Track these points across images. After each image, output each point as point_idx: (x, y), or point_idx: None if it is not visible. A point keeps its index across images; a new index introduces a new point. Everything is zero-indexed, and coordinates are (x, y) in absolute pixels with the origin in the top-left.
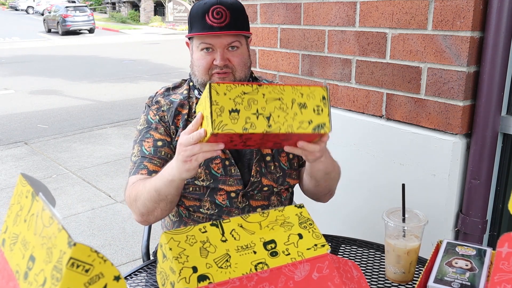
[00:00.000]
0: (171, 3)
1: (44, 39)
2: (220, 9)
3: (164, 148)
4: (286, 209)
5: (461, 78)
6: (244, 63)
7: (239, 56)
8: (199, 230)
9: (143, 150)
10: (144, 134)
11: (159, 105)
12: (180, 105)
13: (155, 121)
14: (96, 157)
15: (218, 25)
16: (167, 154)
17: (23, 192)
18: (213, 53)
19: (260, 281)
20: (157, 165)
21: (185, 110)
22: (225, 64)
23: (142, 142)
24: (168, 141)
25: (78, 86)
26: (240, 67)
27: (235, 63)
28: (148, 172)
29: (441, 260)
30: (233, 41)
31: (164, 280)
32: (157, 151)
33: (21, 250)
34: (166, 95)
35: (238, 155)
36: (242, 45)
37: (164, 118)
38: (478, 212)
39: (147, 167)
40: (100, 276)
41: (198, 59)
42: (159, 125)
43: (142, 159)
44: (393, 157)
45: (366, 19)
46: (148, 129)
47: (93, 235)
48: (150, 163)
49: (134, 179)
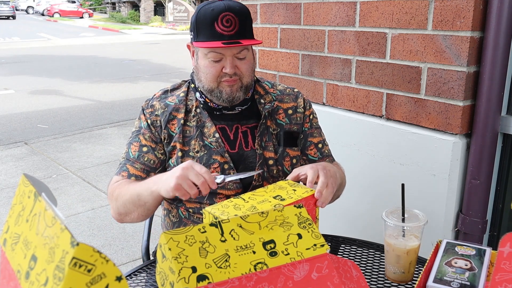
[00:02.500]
0: (171, 3)
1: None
2: (229, 17)
3: (148, 154)
4: (286, 209)
5: (461, 78)
6: (251, 69)
7: (247, 63)
8: (199, 230)
9: (129, 152)
10: (134, 138)
11: (153, 109)
12: (175, 109)
13: (143, 126)
14: (96, 157)
15: (228, 33)
16: (150, 160)
17: (25, 192)
18: (222, 62)
19: (260, 281)
20: (138, 169)
21: (181, 115)
22: (234, 72)
23: (130, 145)
24: (153, 147)
25: (78, 86)
26: (248, 73)
27: (243, 70)
28: (128, 175)
29: (441, 260)
30: (243, 50)
31: (163, 280)
32: (141, 156)
33: (23, 250)
34: (163, 98)
35: (240, 158)
36: (249, 52)
37: (155, 123)
38: (478, 212)
39: (128, 170)
40: (102, 276)
41: (206, 67)
42: (147, 130)
43: (126, 161)
44: (393, 157)
45: (366, 19)
46: (137, 133)
47: (93, 235)
48: (131, 167)
49: (116, 178)
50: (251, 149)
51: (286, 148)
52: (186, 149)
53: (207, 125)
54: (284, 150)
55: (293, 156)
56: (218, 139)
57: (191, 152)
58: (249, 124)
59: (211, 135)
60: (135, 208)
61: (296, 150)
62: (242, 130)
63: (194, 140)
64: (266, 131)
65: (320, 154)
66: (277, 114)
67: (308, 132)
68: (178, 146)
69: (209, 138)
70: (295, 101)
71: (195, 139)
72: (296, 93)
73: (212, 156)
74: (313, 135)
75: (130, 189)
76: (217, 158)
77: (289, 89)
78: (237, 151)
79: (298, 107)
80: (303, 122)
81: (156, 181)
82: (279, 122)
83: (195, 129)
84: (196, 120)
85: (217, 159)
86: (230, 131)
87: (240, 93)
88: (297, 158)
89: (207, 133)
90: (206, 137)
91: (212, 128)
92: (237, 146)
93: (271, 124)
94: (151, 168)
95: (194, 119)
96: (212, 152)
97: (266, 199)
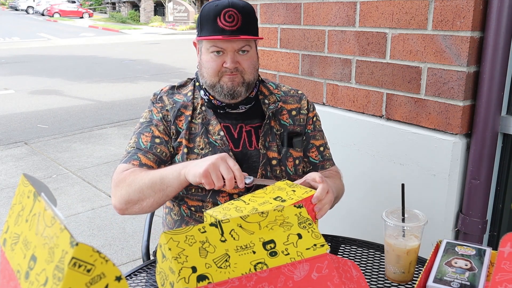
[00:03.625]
0: (171, 3)
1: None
2: (232, 12)
3: (160, 146)
4: (286, 209)
5: (461, 78)
6: (253, 66)
7: (249, 59)
8: (199, 230)
9: (140, 142)
10: (145, 128)
11: (163, 104)
12: (184, 106)
13: (157, 118)
14: (96, 157)
15: (230, 28)
16: (162, 152)
17: (25, 192)
18: (223, 56)
19: (260, 281)
20: (150, 159)
21: (189, 112)
22: (235, 67)
23: (141, 135)
24: (166, 140)
25: (78, 86)
26: (250, 70)
27: (245, 66)
28: (140, 164)
29: (441, 260)
30: (244, 45)
31: (163, 280)
32: (154, 147)
33: (23, 250)
34: (170, 94)
35: (243, 157)
36: (251, 48)
37: (166, 117)
38: (478, 212)
39: (140, 159)
40: (102, 276)
41: (208, 61)
42: (160, 122)
43: (137, 150)
44: (393, 157)
45: (366, 19)
46: (149, 124)
47: (93, 235)
48: (143, 156)
49: (124, 166)
50: (254, 149)
51: (289, 148)
52: (191, 146)
53: (212, 122)
54: (287, 150)
55: (296, 157)
56: (223, 137)
57: (195, 149)
58: (253, 124)
59: (216, 132)
60: (153, 193)
61: (299, 151)
62: (246, 130)
63: (199, 137)
64: (270, 131)
65: (321, 157)
66: (281, 115)
67: (311, 134)
68: (184, 142)
69: (214, 135)
70: (299, 103)
71: (200, 136)
72: (300, 95)
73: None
74: (315, 137)
75: (151, 174)
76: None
77: (293, 90)
78: (241, 150)
79: (302, 109)
80: (306, 124)
81: (186, 165)
82: (282, 123)
83: (200, 126)
84: (202, 118)
85: None
86: (235, 130)
87: (241, 88)
88: (299, 159)
89: (212, 131)
90: (211, 134)
91: (217, 126)
92: (241, 145)
93: (275, 125)
94: (162, 160)
95: (199, 116)
96: (216, 150)
97: (266, 200)
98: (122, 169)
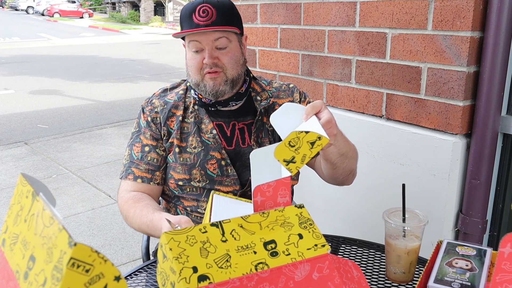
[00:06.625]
0: (171, 3)
1: (44, 39)
2: (206, 7)
3: (150, 154)
4: (286, 209)
5: (461, 78)
6: (235, 61)
7: (228, 54)
8: (199, 230)
9: (132, 154)
10: (135, 138)
11: (153, 107)
12: (174, 106)
13: (144, 125)
14: (96, 157)
15: (204, 23)
16: (153, 158)
17: (23, 192)
18: (203, 53)
19: (260, 281)
20: (143, 170)
21: (180, 112)
22: (214, 62)
23: (133, 146)
24: (154, 145)
25: (78, 86)
26: (231, 65)
27: (225, 61)
28: (134, 177)
29: (441, 260)
30: (220, 37)
31: (164, 280)
32: (144, 156)
33: (21, 250)
34: (162, 96)
35: (236, 155)
36: (231, 42)
37: (155, 120)
38: (478, 212)
39: (133, 172)
40: (101, 276)
41: (190, 59)
42: (147, 129)
43: (130, 163)
44: (393, 157)
45: (366, 19)
46: (138, 134)
47: (93, 235)
48: (136, 169)
49: (124, 184)
50: (247, 146)
51: None
52: (184, 145)
53: (204, 121)
54: None
55: None
56: (216, 135)
57: (188, 148)
58: (246, 121)
59: (208, 131)
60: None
61: None
62: (239, 127)
63: (191, 136)
64: (262, 127)
65: None
66: (274, 110)
67: None
68: (176, 142)
69: (206, 134)
70: (291, 96)
71: (192, 135)
72: (291, 88)
73: (209, 152)
74: None
75: (137, 222)
76: (214, 154)
77: (285, 85)
78: (233, 148)
79: (294, 101)
80: None
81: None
82: None
83: (193, 125)
84: (194, 116)
85: (215, 155)
86: (227, 127)
87: (225, 87)
88: None
89: (205, 129)
90: (204, 133)
91: (209, 125)
92: (234, 143)
93: (267, 121)
94: (155, 167)
95: (192, 115)
96: (209, 149)
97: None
98: (122, 189)
